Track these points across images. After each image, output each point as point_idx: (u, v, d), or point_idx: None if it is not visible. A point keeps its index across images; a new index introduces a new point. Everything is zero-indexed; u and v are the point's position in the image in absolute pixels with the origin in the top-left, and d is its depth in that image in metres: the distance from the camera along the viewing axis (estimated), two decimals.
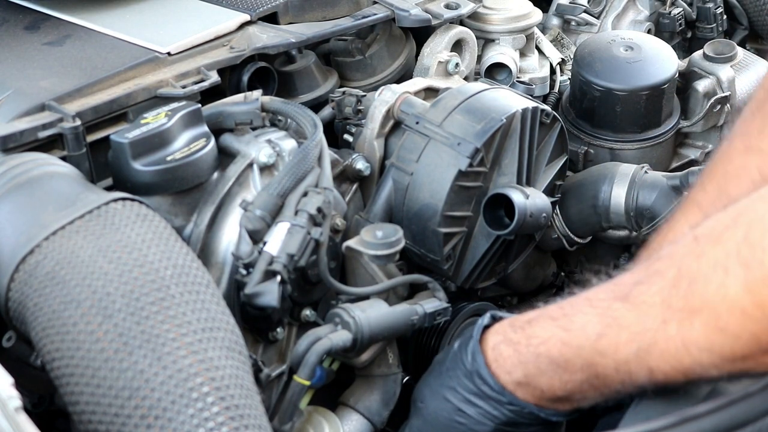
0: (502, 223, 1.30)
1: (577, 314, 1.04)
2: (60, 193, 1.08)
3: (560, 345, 1.05)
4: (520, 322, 1.11)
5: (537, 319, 1.09)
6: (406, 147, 1.31)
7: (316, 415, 1.24)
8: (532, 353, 1.08)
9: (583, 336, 1.03)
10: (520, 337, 1.10)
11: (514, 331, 1.11)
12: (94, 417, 0.95)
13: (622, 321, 0.99)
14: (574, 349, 1.04)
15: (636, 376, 0.99)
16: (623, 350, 0.99)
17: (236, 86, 1.33)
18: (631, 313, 0.99)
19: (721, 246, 0.92)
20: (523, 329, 1.10)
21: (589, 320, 1.02)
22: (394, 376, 1.31)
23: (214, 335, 0.99)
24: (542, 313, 1.09)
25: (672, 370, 0.96)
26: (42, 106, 1.19)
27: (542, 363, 1.07)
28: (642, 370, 0.98)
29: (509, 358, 1.10)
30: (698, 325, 0.93)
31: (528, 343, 1.08)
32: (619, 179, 1.44)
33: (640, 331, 0.97)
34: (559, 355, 1.05)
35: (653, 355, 0.97)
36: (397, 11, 1.45)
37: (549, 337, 1.06)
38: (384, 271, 1.28)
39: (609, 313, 1.01)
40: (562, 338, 1.05)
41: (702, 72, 1.63)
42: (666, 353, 0.96)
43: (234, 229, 1.16)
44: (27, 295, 1.02)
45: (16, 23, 1.38)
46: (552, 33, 1.73)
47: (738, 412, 0.89)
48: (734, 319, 0.90)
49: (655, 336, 0.96)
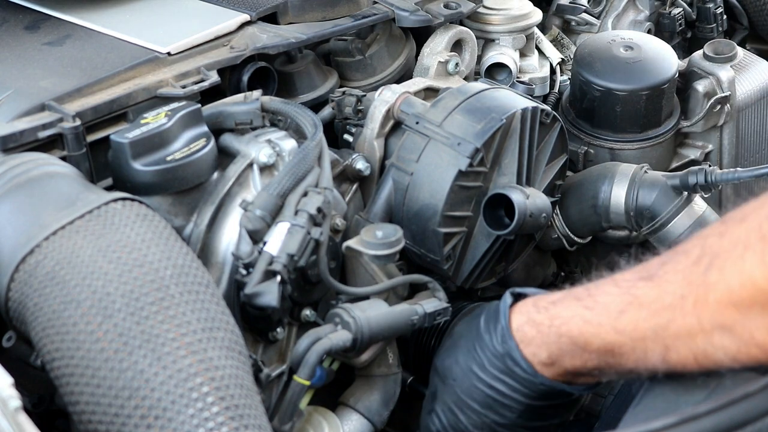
0: (502, 223, 1.30)
1: (601, 294, 1.05)
2: (60, 193, 1.08)
3: (581, 323, 1.05)
4: (545, 303, 1.12)
5: (562, 300, 1.10)
6: (406, 147, 1.31)
7: (316, 415, 1.24)
8: (555, 333, 1.08)
9: (605, 314, 1.03)
10: (543, 317, 1.10)
11: (537, 312, 1.11)
12: (94, 417, 0.95)
13: (643, 299, 1.00)
14: (594, 326, 1.04)
15: (651, 354, 1.00)
16: (641, 327, 1.00)
17: (236, 86, 1.33)
18: (653, 291, 1.00)
19: (745, 224, 0.94)
20: (547, 309, 1.10)
21: (612, 299, 1.03)
22: (394, 376, 1.31)
23: (214, 335, 0.99)
24: (568, 293, 1.10)
25: (685, 348, 0.97)
26: (42, 106, 1.19)
27: (564, 343, 1.08)
28: (657, 348, 0.99)
29: (534, 339, 1.11)
30: (713, 299, 0.94)
31: (551, 323, 1.09)
32: (619, 179, 1.44)
33: (660, 309, 0.98)
34: (579, 334, 1.06)
35: (669, 332, 0.97)
36: (397, 11, 1.45)
37: (571, 316, 1.07)
38: (384, 271, 1.28)
39: (632, 291, 1.02)
40: (583, 317, 1.05)
41: (702, 72, 1.63)
42: (681, 330, 0.96)
43: (234, 229, 1.17)
44: (27, 295, 1.02)
45: (16, 23, 1.38)
46: (552, 33, 1.73)
47: (738, 412, 0.89)
48: (746, 292, 0.91)
49: (673, 313, 0.97)
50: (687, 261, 0.98)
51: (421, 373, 1.36)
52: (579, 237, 1.49)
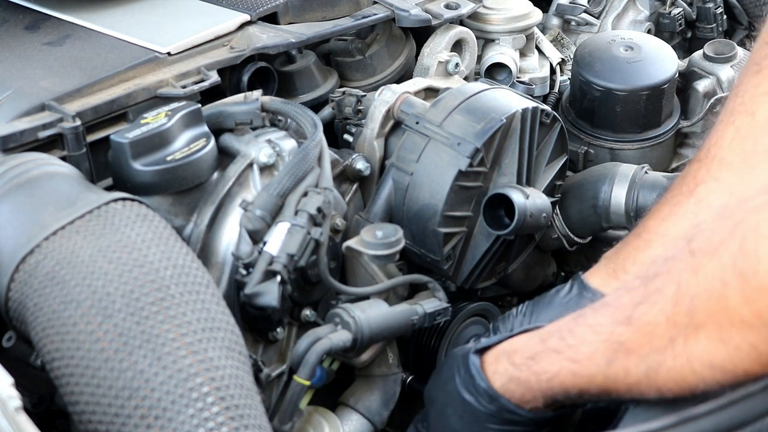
0: (502, 223, 1.30)
1: (581, 344, 1.05)
2: (60, 193, 1.08)
3: (572, 377, 1.05)
4: (521, 359, 1.11)
5: (540, 355, 1.09)
6: (406, 147, 1.31)
7: (316, 415, 1.24)
8: (546, 388, 1.08)
9: (594, 365, 1.03)
10: (527, 374, 1.10)
11: (517, 369, 1.11)
12: (94, 417, 0.95)
13: (629, 345, 1.00)
14: (586, 378, 1.04)
15: (646, 395, 0.99)
16: (633, 373, 0.99)
17: (236, 86, 1.33)
18: (637, 336, 0.99)
19: (717, 259, 0.92)
20: (529, 366, 1.10)
21: (596, 348, 1.03)
22: (394, 376, 1.31)
23: (214, 335, 0.99)
24: (543, 346, 1.10)
25: (678, 388, 0.96)
26: (42, 106, 1.19)
27: (557, 394, 1.08)
28: (651, 390, 0.98)
29: (524, 395, 1.11)
30: (703, 338, 0.93)
31: (538, 379, 1.09)
32: (619, 179, 1.44)
33: (649, 353, 0.98)
34: (572, 386, 1.06)
35: (660, 375, 0.97)
36: (397, 11, 1.45)
37: (558, 371, 1.06)
38: (384, 271, 1.28)
39: (614, 338, 1.01)
40: (572, 370, 1.05)
41: (702, 72, 1.63)
42: (672, 371, 0.96)
43: (234, 229, 1.16)
44: (27, 295, 1.02)
45: (16, 23, 1.38)
46: (552, 33, 1.73)
47: (738, 412, 0.89)
48: (735, 329, 0.90)
49: (663, 356, 0.96)
50: (664, 300, 0.97)
51: (421, 373, 1.36)
52: (579, 237, 1.49)
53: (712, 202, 1.19)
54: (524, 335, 1.15)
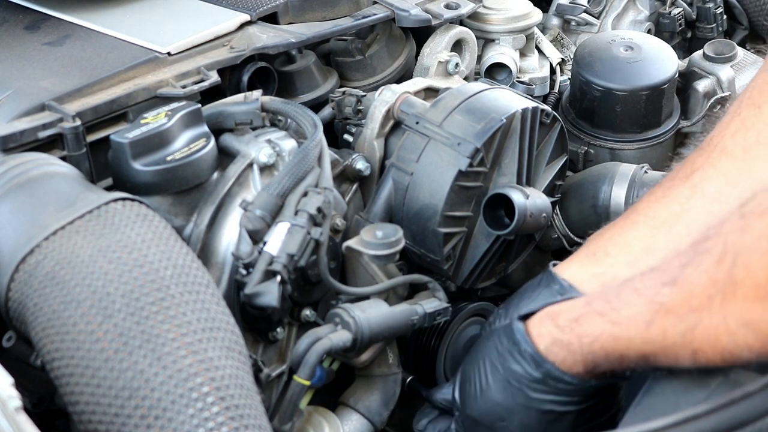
0: (502, 223, 1.30)
1: (625, 306, 1.04)
2: (60, 193, 1.08)
3: (612, 340, 1.05)
4: (566, 321, 1.11)
5: (584, 316, 1.09)
6: (406, 147, 1.31)
7: (316, 415, 1.24)
8: (587, 351, 1.08)
9: (634, 327, 1.03)
10: (570, 337, 1.10)
11: (561, 332, 1.11)
12: (94, 417, 0.95)
13: (670, 305, 0.99)
14: (625, 341, 1.04)
15: (681, 358, 0.99)
16: (670, 334, 0.99)
17: (236, 86, 1.33)
18: (678, 296, 0.99)
19: (766, 217, 0.93)
20: (572, 328, 1.10)
21: (638, 310, 1.03)
22: (394, 376, 1.31)
23: (214, 335, 0.99)
24: (588, 308, 1.10)
25: (712, 350, 0.96)
26: (42, 106, 1.19)
27: (598, 357, 1.08)
28: (686, 353, 0.98)
29: (566, 358, 1.11)
30: (740, 296, 0.93)
31: (580, 342, 1.09)
32: (619, 179, 1.44)
33: (687, 312, 0.97)
34: (612, 349, 1.06)
35: (696, 335, 0.96)
36: (397, 11, 1.45)
37: (600, 333, 1.06)
38: (384, 271, 1.28)
39: (657, 300, 1.01)
40: (612, 333, 1.05)
41: (702, 72, 1.63)
42: (708, 331, 0.95)
43: (234, 229, 1.16)
44: (27, 295, 1.02)
45: (16, 23, 1.38)
46: (552, 33, 1.73)
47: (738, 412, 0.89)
48: None
49: (700, 315, 0.96)
50: (710, 260, 0.97)
51: (421, 373, 1.36)
52: (579, 237, 1.49)
53: (706, 189, 1.19)
54: (570, 300, 1.15)
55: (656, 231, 1.21)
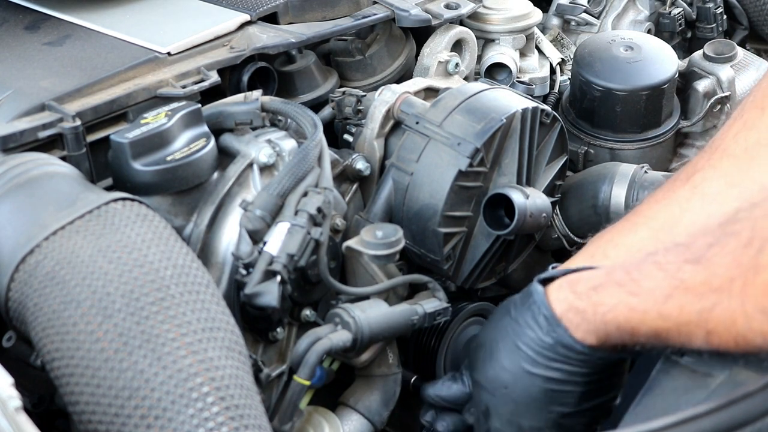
0: (502, 223, 1.30)
1: (645, 279, 1.03)
2: (60, 193, 1.08)
3: (627, 311, 1.03)
4: (584, 288, 1.09)
5: (603, 286, 1.07)
6: (406, 147, 1.31)
7: (316, 415, 1.24)
8: (600, 320, 1.06)
9: (651, 300, 1.01)
10: (586, 304, 1.08)
11: (578, 298, 1.09)
12: (94, 417, 0.95)
13: (690, 282, 0.98)
14: (640, 313, 1.02)
15: (694, 338, 0.98)
16: (687, 312, 0.98)
17: (236, 86, 1.33)
18: (700, 274, 0.98)
19: None
20: (589, 296, 1.08)
21: (658, 284, 1.01)
22: (394, 376, 1.31)
23: (214, 335, 0.99)
24: (607, 278, 1.08)
25: (726, 332, 0.95)
26: (42, 106, 1.19)
27: (610, 329, 1.06)
28: (700, 333, 0.97)
29: (579, 326, 1.09)
30: (761, 282, 0.92)
31: (595, 311, 1.07)
32: (619, 179, 1.44)
33: (706, 292, 0.96)
34: (625, 321, 1.04)
35: (713, 316, 0.95)
36: (397, 11, 1.45)
37: (616, 303, 1.05)
38: (384, 271, 1.28)
39: (678, 275, 0.99)
40: (629, 304, 1.03)
41: (702, 72, 1.63)
42: (725, 314, 0.94)
43: (234, 229, 1.17)
44: (27, 295, 1.02)
45: (16, 23, 1.38)
46: (552, 33, 1.73)
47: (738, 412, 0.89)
48: None
49: (720, 296, 0.95)
50: (737, 243, 0.96)
51: (421, 373, 1.36)
52: (579, 237, 1.49)
53: (706, 189, 1.19)
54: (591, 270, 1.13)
55: (656, 233, 1.20)
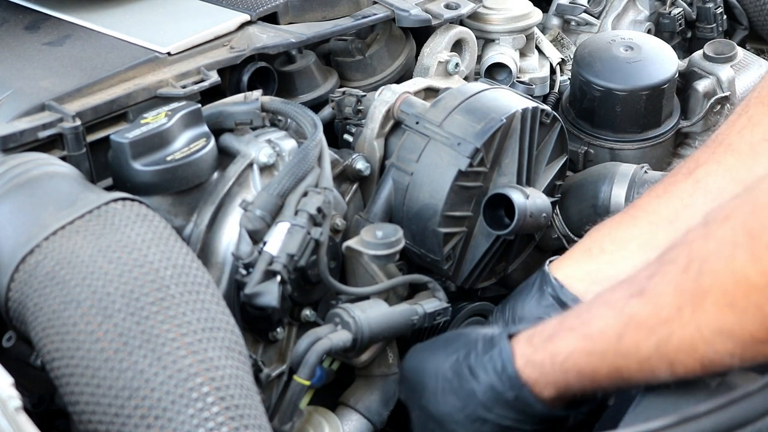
0: (502, 223, 1.30)
1: (595, 319, 1.02)
2: (60, 193, 1.08)
3: (585, 356, 1.03)
4: (539, 340, 1.08)
5: (557, 334, 1.07)
6: (406, 147, 1.31)
7: (316, 415, 1.24)
8: (559, 370, 1.05)
9: (605, 341, 1.00)
10: (542, 356, 1.07)
11: (535, 351, 1.08)
12: (94, 417, 0.95)
13: (639, 317, 0.98)
14: (598, 356, 1.02)
15: (658, 371, 0.97)
16: (644, 347, 0.97)
17: (236, 86, 1.33)
18: (647, 308, 0.97)
19: (729, 222, 0.91)
20: (545, 347, 1.07)
21: (608, 323, 1.01)
22: (394, 376, 1.31)
23: (214, 335, 0.99)
24: (560, 326, 1.07)
25: (690, 359, 0.94)
26: (42, 106, 1.19)
27: (571, 377, 1.05)
28: (663, 365, 0.96)
29: (538, 380, 1.08)
30: (709, 305, 0.91)
31: (553, 361, 1.06)
32: (619, 179, 1.44)
33: (657, 324, 0.96)
34: (585, 365, 1.03)
35: (671, 347, 0.95)
36: (397, 11, 1.45)
37: (572, 350, 1.04)
38: (384, 271, 1.28)
39: (626, 311, 0.99)
40: (584, 348, 1.03)
41: (702, 72, 1.63)
42: (683, 342, 0.94)
43: (234, 229, 1.17)
44: (27, 295, 1.02)
45: (16, 23, 1.38)
46: (552, 33, 1.73)
47: (738, 412, 0.89)
48: (741, 291, 0.89)
49: (671, 326, 0.94)
50: (676, 270, 0.96)
51: None
52: (579, 237, 1.49)
53: (709, 185, 1.18)
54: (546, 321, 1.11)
55: (656, 227, 1.20)
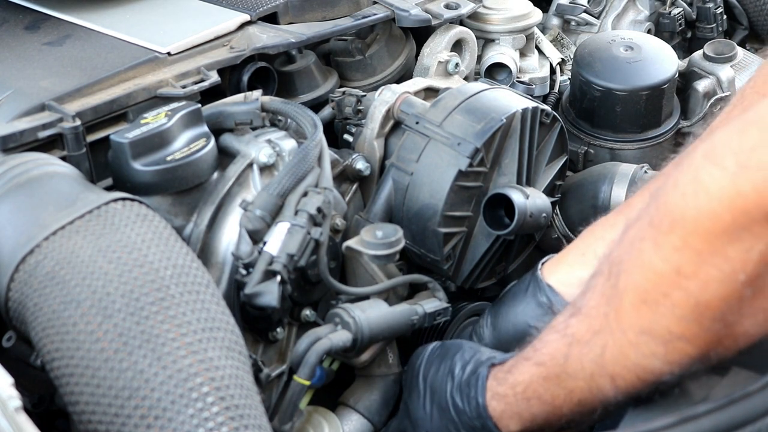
0: (502, 223, 1.30)
1: (545, 346, 1.06)
2: (60, 193, 1.08)
3: (541, 382, 1.05)
4: (502, 373, 1.12)
5: (515, 366, 1.10)
6: (406, 147, 1.31)
7: (316, 415, 1.24)
8: (522, 400, 1.08)
9: (555, 364, 1.04)
10: (505, 388, 1.10)
11: (498, 384, 1.11)
12: (94, 417, 0.95)
13: (577, 334, 1.01)
14: (553, 381, 1.04)
15: (604, 388, 1.00)
16: (586, 364, 1.00)
17: (236, 86, 1.33)
18: (583, 323, 1.01)
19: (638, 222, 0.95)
20: (506, 379, 1.10)
21: (556, 347, 1.04)
22: (394, 376, 1.31)
23: (214, 335, 0.99)
24: (518, 357, 1.10)
25: (624, 370, 0.97)
26: (42, 106, 1.19)
27: (534, 406, 1.08)
28: (605, 380, 0.99)
29: (503, 413, 1.10)
30: (628, 305, 0.94)
31: (514, 392, 1.09)
32: (619, 179, 1.44)
33: (591, 337, 0.99)
34: (544, 391, 1.06)
35: (607, 358, 0.98)
36: (397, 11, 1.45)
37: (529, 379, 1.07)
38: (384, 271, 1.28)
39: (568, 332, 1.02)
40: (540, 374, 1.05)
41: (702, 72, 1.63)
42: (615, 350, 0.97)
43: (234, 229, 1.17)
44: (27, 295, 1.02)
45: (16, 23, 1.38)
46: (552, 33, 1.73)
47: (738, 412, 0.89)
48: (650, 284, 0.92)
49: (603, 337, 0.98)
50: (601, 280, 0.99)
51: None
52: None
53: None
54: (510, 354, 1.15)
55: None
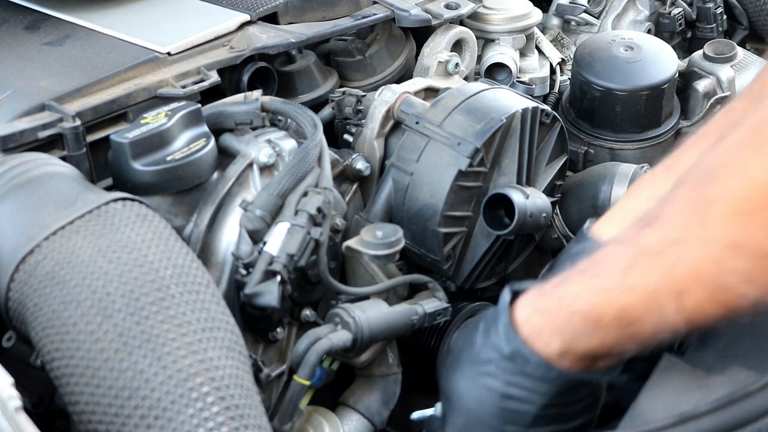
0: (502, 223, 1.30)
1: (607, 258, 0.96)
2: (60, 193, 1.08)
3: (591, 296, 0.96)
4: (550, 286, 1.02)
5: (567, 277, 1.00)
6: (406, 147, 1.31)
7: (316, 415, 1.24)
8: (565, 314, 0.98)
9: (613, 276, 0.94)
10: (550, 301, 1.00)
11: (542, 298, 1.02)
12: (94, 417, 0.95)
13: (648, 245, 0.92)
14: (604, 294, 0.95)
15: (666, 308, 0.90)
16: (651, 277, 0.91)
17: (236, 86, 1.33)
18: (657, 233, 0.91)
19: (738, 129, 0.87)
20: (552, 292, 1.01)
21: (618, 258, 0.94)
22: (394, 376, 1.31)
23: (214, 335, 0.99)
24: (573, 270, 1.00)
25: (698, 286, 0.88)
26: (42, 106, 1.19)
27: (576, 323, 0.98)
28: (670, 298, 0.89)
29: (544, 329, 1.00)
30: (717, 215, 0.86)
31: (559, 305, 0.99)
32: (619, 179, 1.44)
33: (665, 248, 0.90)
34: (590, 307, 0.96)
35: (679, 272, 0.88)
36: (397, 11, 1.45)
37: (579, 290, 0.97)
38: (384, 271, 1.28)
39: (637, 243, 0.93)
40: (592, 287, 0.96)
41: (702, 72, 1.63)
42: (691, 265, 0.88)
43: (234, 229, 1.17)
44: (27, 295, 1.02)
45: (16, 23, 1.38)
46: (552, 33, 1.73)
47: (738, 412, 0.89)
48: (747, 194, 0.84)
49: (679, 248, 0.89)
50: (684, 189, 0.90)
51: (421, 374, 1.36)
52: None
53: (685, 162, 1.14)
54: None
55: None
